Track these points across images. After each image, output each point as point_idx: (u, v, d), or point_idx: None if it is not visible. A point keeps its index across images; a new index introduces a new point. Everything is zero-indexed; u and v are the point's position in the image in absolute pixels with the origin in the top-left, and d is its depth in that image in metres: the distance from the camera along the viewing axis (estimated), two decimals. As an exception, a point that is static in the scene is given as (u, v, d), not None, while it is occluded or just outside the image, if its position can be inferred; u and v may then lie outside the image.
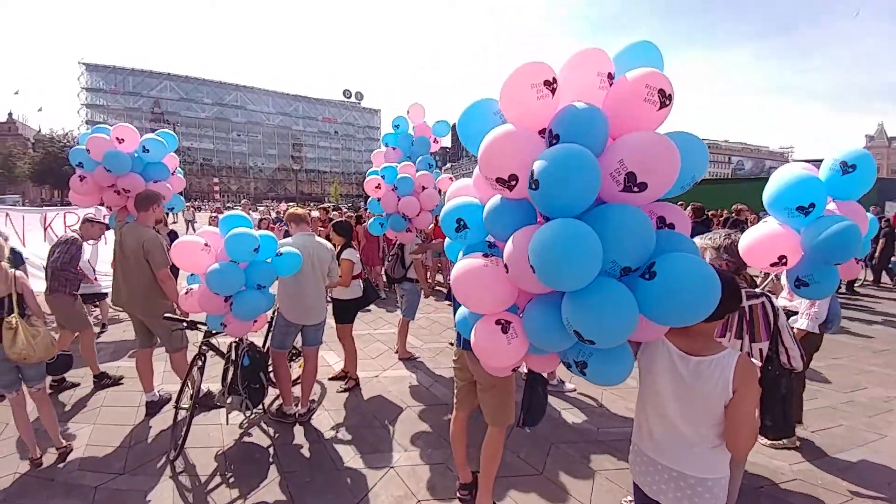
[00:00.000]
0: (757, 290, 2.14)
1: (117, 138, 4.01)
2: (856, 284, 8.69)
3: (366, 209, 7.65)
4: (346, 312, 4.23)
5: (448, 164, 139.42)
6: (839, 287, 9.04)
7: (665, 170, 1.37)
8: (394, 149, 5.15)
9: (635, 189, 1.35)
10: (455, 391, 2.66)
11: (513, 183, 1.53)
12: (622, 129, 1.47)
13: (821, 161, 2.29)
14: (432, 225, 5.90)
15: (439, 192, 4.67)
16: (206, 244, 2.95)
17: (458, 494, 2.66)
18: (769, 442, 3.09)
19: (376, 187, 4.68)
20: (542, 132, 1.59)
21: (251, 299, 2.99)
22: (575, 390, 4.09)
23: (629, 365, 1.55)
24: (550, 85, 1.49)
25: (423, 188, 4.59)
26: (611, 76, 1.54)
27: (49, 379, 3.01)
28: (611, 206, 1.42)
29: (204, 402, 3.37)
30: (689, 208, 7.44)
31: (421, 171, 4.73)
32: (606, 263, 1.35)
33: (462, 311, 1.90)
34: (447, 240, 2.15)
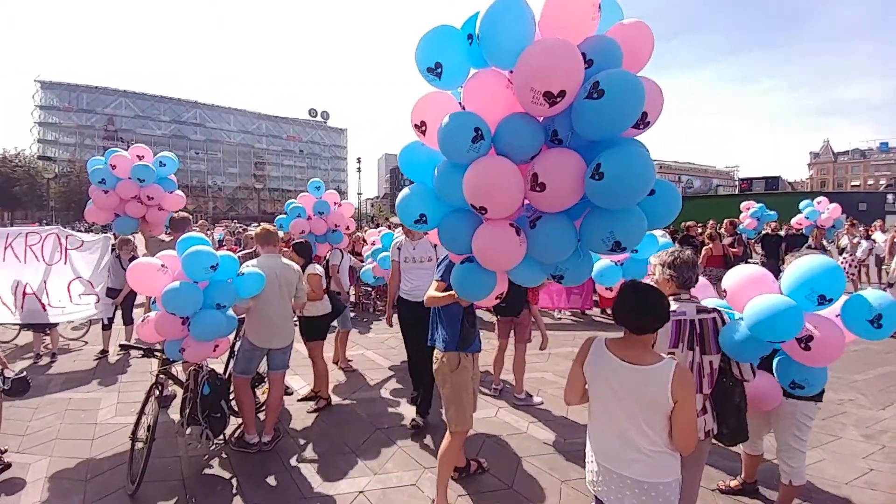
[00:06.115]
0: (710, 305, 2.20)
1: (137, 155, 4.57)
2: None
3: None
4: (318, 329, 4.17)
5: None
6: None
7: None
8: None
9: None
10: None
11: (559, 99, 1.54)
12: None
13: (764, 179, 2.31)
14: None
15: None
16: (162, 265, 2.88)
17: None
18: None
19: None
20: None
21: (209, 319, 2.91)
22: (542, 403, 4.19)
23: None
24: (598, 10, 1.59)
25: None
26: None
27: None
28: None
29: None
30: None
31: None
32: None
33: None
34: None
